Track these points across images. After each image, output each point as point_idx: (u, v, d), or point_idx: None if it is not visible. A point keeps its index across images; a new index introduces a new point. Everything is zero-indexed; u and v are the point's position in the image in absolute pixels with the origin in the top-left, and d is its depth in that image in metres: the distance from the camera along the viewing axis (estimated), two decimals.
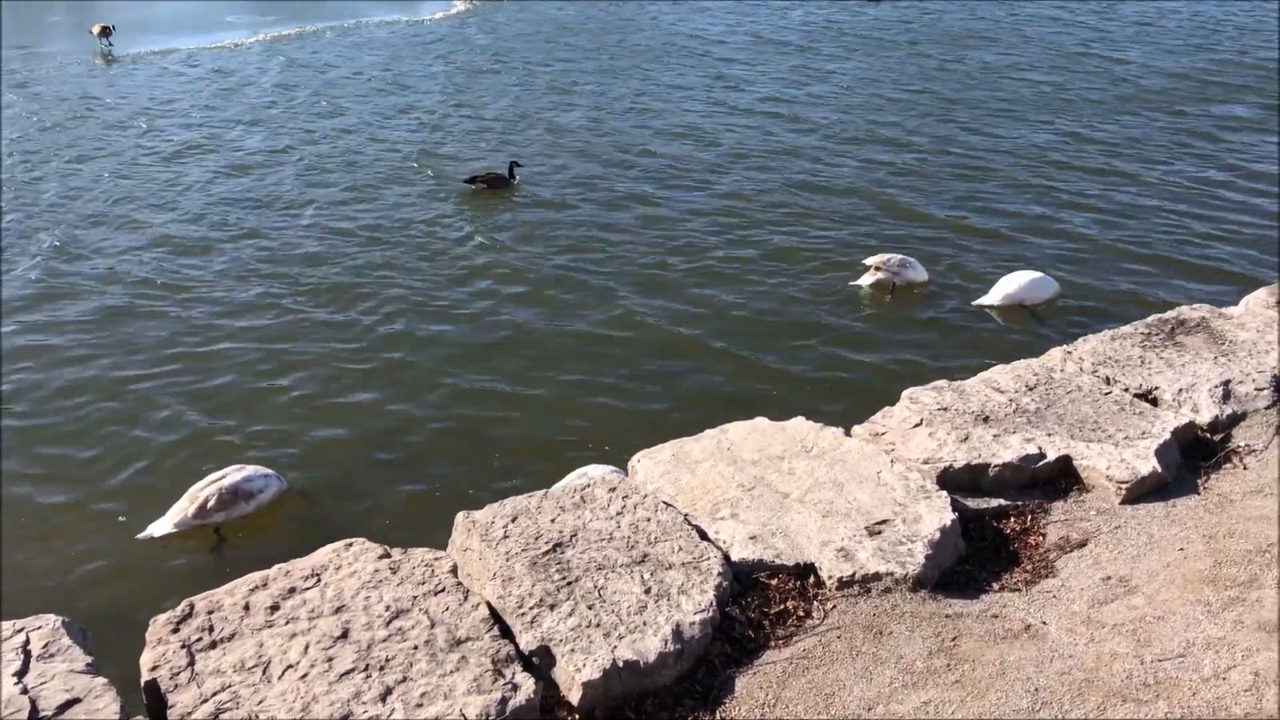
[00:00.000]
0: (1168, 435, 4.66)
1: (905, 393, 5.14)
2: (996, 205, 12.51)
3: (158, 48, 21.61)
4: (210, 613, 3.68)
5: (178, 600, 3.75)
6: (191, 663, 3.45)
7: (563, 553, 3.93)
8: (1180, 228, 11.71)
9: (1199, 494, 4.48)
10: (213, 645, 3.53)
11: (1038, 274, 9.83)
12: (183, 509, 6.72)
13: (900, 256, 10.16)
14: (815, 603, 3.85)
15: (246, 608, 3.71)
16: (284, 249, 11.44)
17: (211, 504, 6.69)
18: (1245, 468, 4.64)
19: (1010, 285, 9.70)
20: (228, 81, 18.85)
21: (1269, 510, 4.25)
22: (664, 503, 4.30)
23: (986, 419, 4.83)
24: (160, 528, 6.69)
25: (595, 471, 6.78)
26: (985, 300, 9.78)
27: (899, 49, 20.97)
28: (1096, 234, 11.56)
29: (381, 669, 3.42)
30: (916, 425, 4.82)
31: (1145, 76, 18.43)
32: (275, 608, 3.71)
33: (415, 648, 3.51)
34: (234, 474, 6.88)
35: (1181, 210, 12.19)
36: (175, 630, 3.58)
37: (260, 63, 20.34)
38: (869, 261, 10.13)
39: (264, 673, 3.41)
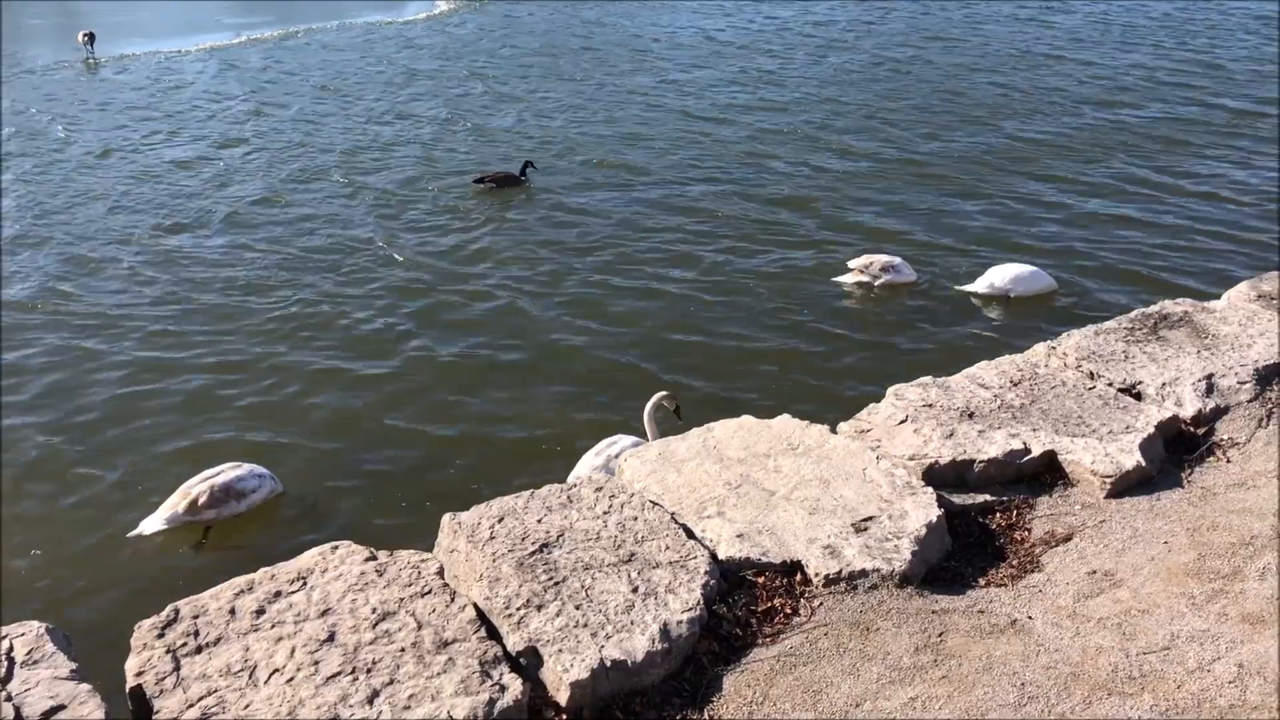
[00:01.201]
0: (1151, 429, 4.68)
1: (890, 389, 5.15)
2: (985, 201, 12.57)
3: (140, 50, 21.52)
4: (195, 617, 3.66)
5: (163, 604, 3.74)
6: (177, 668, 3.43)
7: (550, 553, 3.92)
8: (1167, 222, 11.77)
9: (1183, 487, 4.50)
10: (198, 650, 3.51)
11: (1029, 267, 9.84)
12: (174, 505, 6.69)
13: (885, 258, 10.13)
14: (802, 600, 3.85)
15: (232, 611, 3.70)
16: (275, 253, 11.42)
17: (203, 501, 6.66)
18: (1228, 461, 4.67)
19: (997, 275, 9.73)
20: (220, 81, 18.80)
21: (1252, 503, 4.27)
22: (651, 502, 4.30)
23: (971, 415, 4.85)
24: (151, 525, 6.67)
25: (624, 440, 7.13)
26: (970, 288, 9.81)
27: (878, 48, 21.02)
28: (1083, 230, 11.62)
29: (368, 671, 3.41)
30: (902, 422, 4.83)
31: (1123, 73, 18.51)
32: (261, 611, 3.69)
33: (402, 650, 3.50)
34: (228, 472, 6.84)
35: (1168, 205, 12.26)
36: (160, 635, 3.57)
37: (251, 63, 20.30)
38: (853, 264, 10.13)
39: (250, 677, 3.40)
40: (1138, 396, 5.08)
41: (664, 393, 7.41)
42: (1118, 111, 16.09)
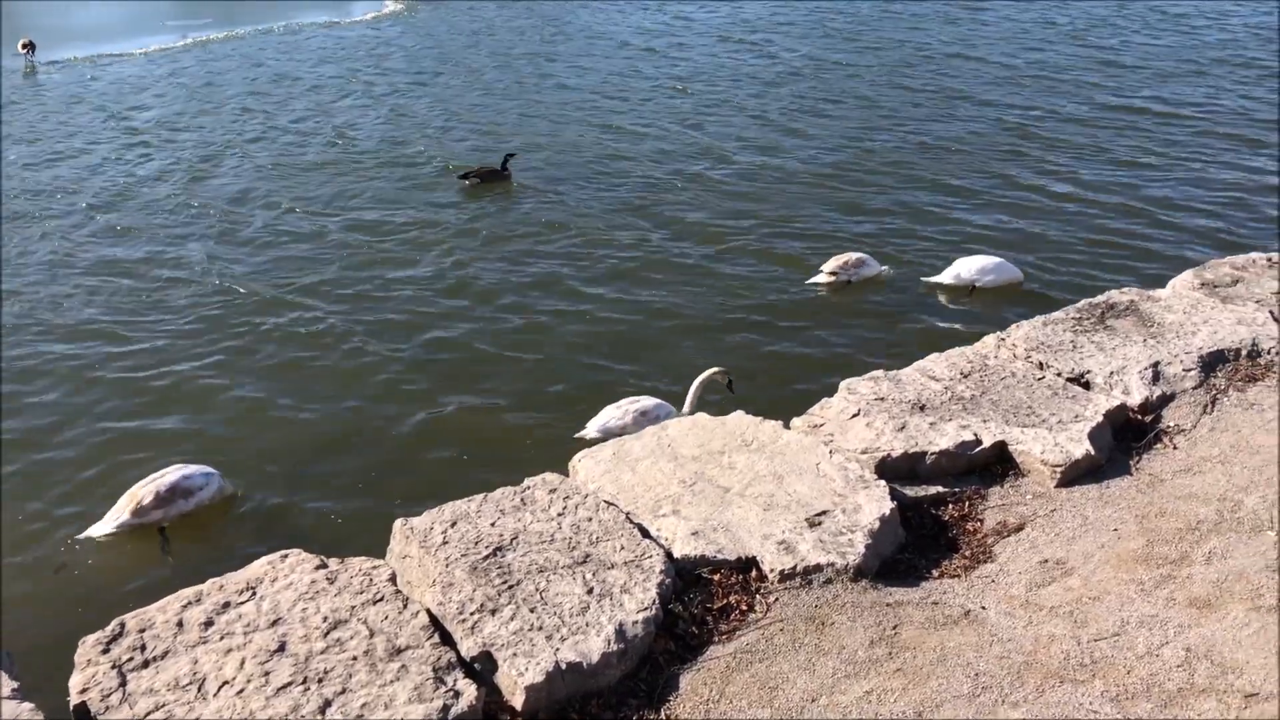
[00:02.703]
0: (1100, 418, 4.74)
1: (843, 383, 5.17)
2: (949, 193, 12.69)
3: (83, 54, 21.11)
4: (142, 631, 3.59)
5: (110, 617, 3.67)
6: (123, 683, 3.36)
7: (503, 556, 3.89)
8: (1133, 210, 11.93)
9: (1131, 475, 4.56)
10: (145, 664, 3.44)
11: (995, 258, 9.95)
12: (122, 509, 6.60)
13: (856, 255, 10.20)
14: (758, 596, 3.86)
15: (180, 624, 3.63)
16: (230, 253, 11.29)
17: (148, 502, 6.56)
18: (1175, 447, 4.73)
19: (964, 267, 9.82)
20: (176, 82, 18.51)
21: (1198, 488, 4.34)
22: (605, 502, 4.28)
23: (923, 407, 4.87)
24: (100, 529, 6.56)
25: (647, 401, 7.47)
26: (937, 279, 9.89)
27: (845, 40, 21.17)
28: (1048, 219, 11.76)
29: (320, 681, 3.36)
30: (854, 416, 4.85)
31: (1082, 64, 18.75)
32: (209, 623, 3.63)
33: (354, 658, 3.45)
34: (173, 472, 6.76)
35: (1116, 198, 12.42)
36: (105, 650, 3.49)
37: (202, 65, 19.97)
38: (826, 267, 10.15)
39: (199, 690, 3.34)
40: (1086, 386, 5.14)
41: (717, 368, 7.71)
42: (1076, 102, 16.30)
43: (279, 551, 4.01)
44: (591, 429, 7.48)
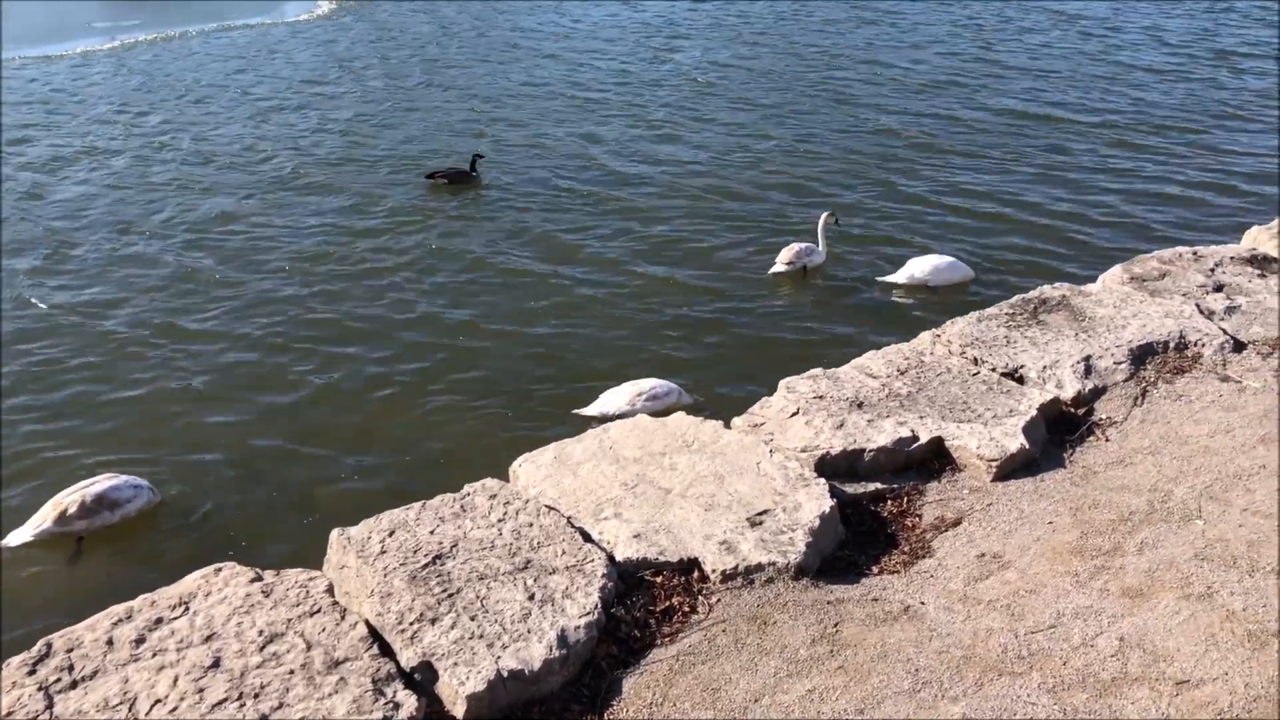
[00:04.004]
0: (1034, 412, 4.81)
1: (782, 382, 5.19)
2: (900, 191, 12.85)
3: (10, 54, 20.58)
4: (70, 650, 3.50)
5: (34, 634, 3.57)
6: (50, 705, 3.27)
7: (443, 564, 3.85)
8: (1083, 207, 12.16)
9: (1065, 467, 4.63)
10: (73, 685, 3.35)
11: (947, 258, 10.16)
12: (45, 516, 6.43)
13: (803, 245, 10.53)
14: (700, 597, 3.85)
15: (110, 642, 3.54)
16: (176, 250, 11.09)
17: (72, 511, 6.40)
18: (1107, 439, 4.82)
19: (917, 267, 10.03)
20: (107, 89, 18.08)
21: (1130, 480, 4.42)
22: (546, 506, 4.26)
23: (861, 404, 4.91)
24: (19, 536, 6.39)
25: (660, 386, 7.70)
26: (892, 278, 10.09)
27: (798, 36, 21.32)
28: (996, 219, 11.96)
29: (256, 696, 3.30)
30: (794, 414, 4.87)
31: (1041, 63, 19.05)
32: (141, 640, 3.55)
33: (291, 672, 3.39)
34: (102, 482, 6.60)
35: (1084, 191, 12.68)
36: (31, 672, 3.39)
37: (134, 68, 19.55)
38: (780, 258, 10.47)
39: (130, 710, 3.26)
40: (1020, 380, 5.22)
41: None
42: (1025, 101, 16.59)
43: (213, 565, 3.93)
44: (594, 408, 7.74)
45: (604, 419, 7.06)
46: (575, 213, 12.23)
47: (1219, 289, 6.10)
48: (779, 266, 10.44)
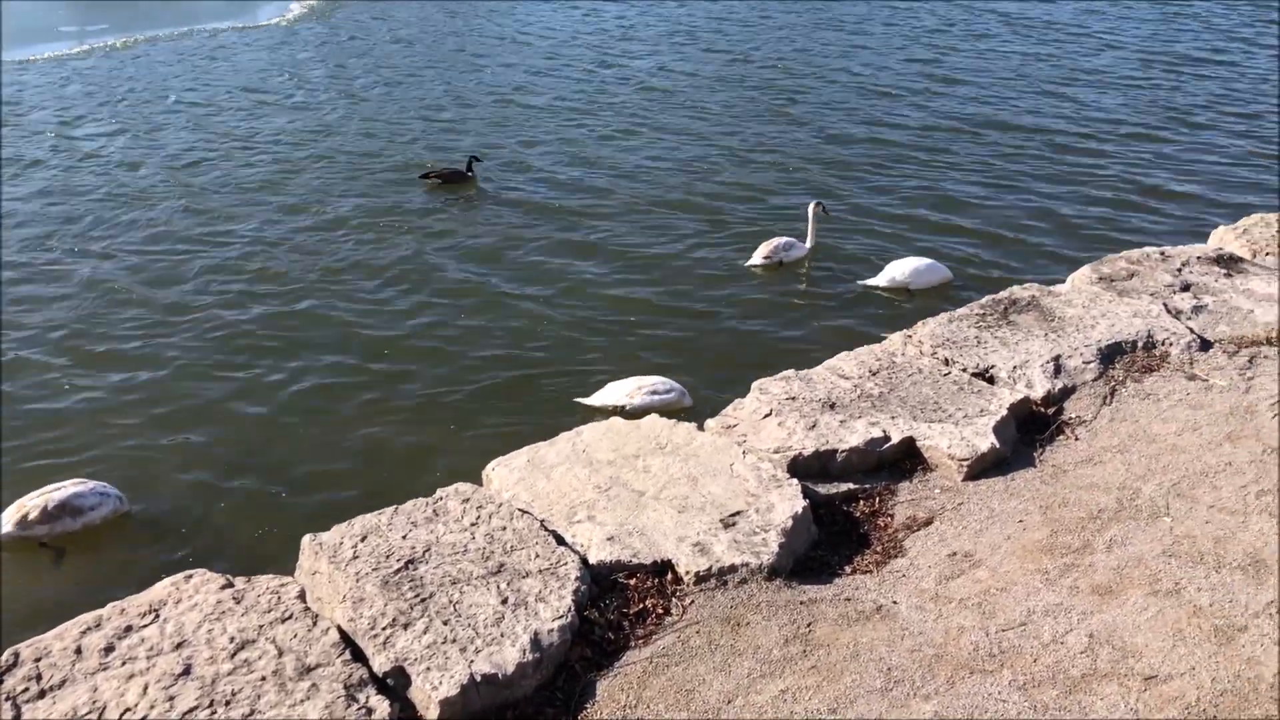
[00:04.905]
0: (1004, 412, 4.84)
1: (755, 383, 5.21)
2: (883, 192, 12.93)
3: None
4: (38, 660, 3.46)
5: (1, 648, 3.53)
6: (18, 715, 3.23)
7: (416, 569, 3.84)
8: (1056, 209, 12.28)
9: (1035, 466, 4.67)
10: (41, 695, 3.32)
11: (926, 261, 10.26)
12: (6, 519, 6.37)
13: (784, 240, 10.76)
14: (674, 599, 3.86)
15: (79, 651, 3.51)
16: (131, 262, 10.99)
17: (33, 516, 6.34)
18: (1077, 438, 4.86)
19: (897, 270, 10.12)
20: (89, 95, 17.92)
21: (1099, 478, 4.46)
22: (520, 510, 4.25)
23: (833, 405, 4.93)
24: None
25: (660, 384, 7.84)
26: (872, 282, 10.18)
27: (772, 31, 21.44)
28: (975, 219, 12.06)
29: (227, 704, 3.27)
30: (766, 415, 4.88)
31: (1013, 65, 19.21)
32: (110, 649, 3.51)
33: (263, 679, 3.37)
34: (69, 487, 6.53)
35: (1056, 192, 12.81)
36: None
37: (111, 73, 19.36)
38: (758, 252, 10.71)
39: (99, 719, 3.23)
40: (991, 380, 5.25)
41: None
42: (986, 106, 16.73)
43: (183, 572, 3.90)
44: (595, 399, 7.93)
45: (617, 410, 7.48)
46: (548, 224, 12.21)
47: (1186, 288, 6.17)
48: (756, 259, 10.62)
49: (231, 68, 19.76)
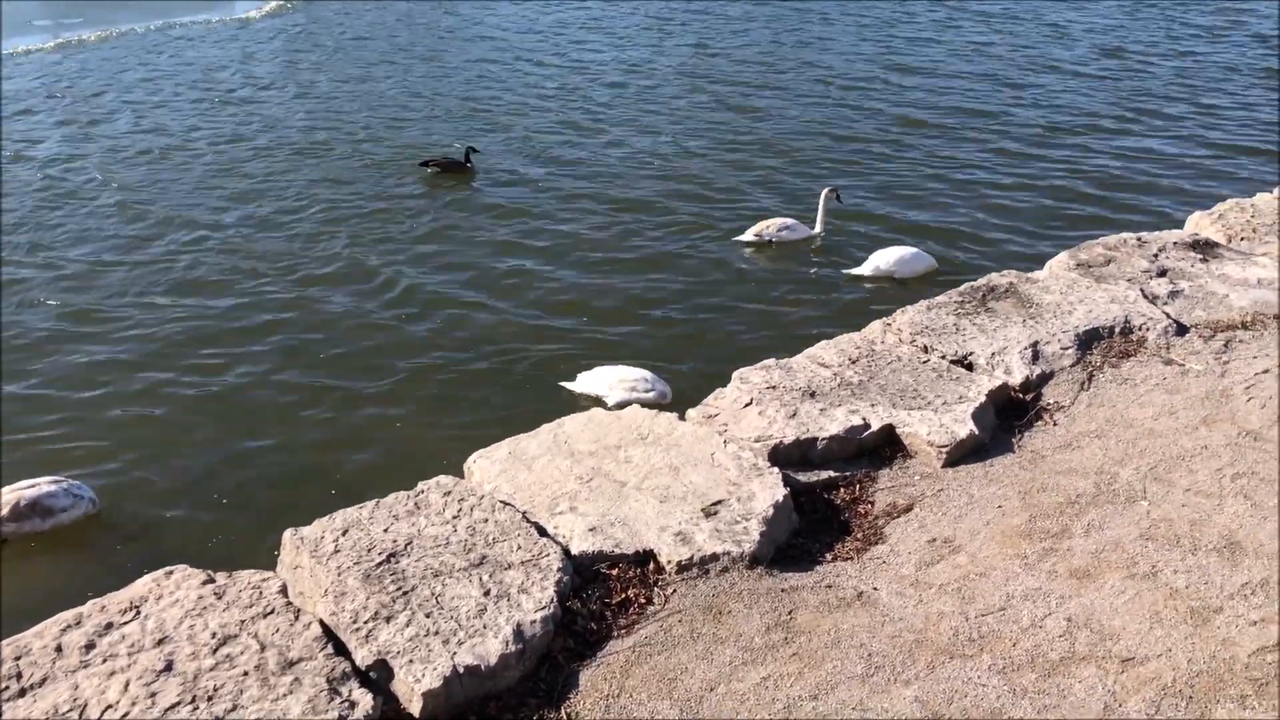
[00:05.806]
0: (983, 398, 4.87)
1: (735, 373, 5.22)
2: (867, 181, 12.96)
3: None
4: (18, 658, 3.44)
5: None
6: None
7: (397, 562, 3.84)
8: (1041, 196, 12.35)
9: (1014, 452, 4.70)
10: (21, 693, 3.30)
11: (911, 249, 10.32)
12: None
13: (781, 220, 11.02)
14: (656, 589, 3.87)
15: (59, 649, 3.49)
16: (117, 256, 10.93)
17: (2, 514, 6.27)
18: (1055, 424, 4.89)
19: (882, 259, 10.19)
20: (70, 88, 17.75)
21: (1076, 463, 4.49)
22: (502, 502, 4.25)
23: (813, 394, 4.95)
24: None
25: (642, 383, 7.86)
26: (857, 271, 10.24)
27: (760, 21, 21.44)
28: (959, 208, 12.11)
29: (209, 699, 3.27)
30: (747, 405, 4.90)
31: (1002, 54, 19.25)
32: (91, 646, 3.50)
33: (245, 674, 3.37)
34: (43, 485, 6.45)
35: (1038, 181, 12.88)
36: None
37: (89, 67, 19.19)
38: (753, 228, 11.00)
39: (80, 716, 3.21)
40: (969, 367, 5.28)
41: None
42: (996, 91, 16.80)
43: (164, 568, 3.89)
44: (578, 385, 8.04)
45: (598, 401, 7.54)
46: (529, 215, 12.19)
47: (1162, 274, 6.21)
48: (747, 235, 10.94)
49: (201, 62, 19.62)
